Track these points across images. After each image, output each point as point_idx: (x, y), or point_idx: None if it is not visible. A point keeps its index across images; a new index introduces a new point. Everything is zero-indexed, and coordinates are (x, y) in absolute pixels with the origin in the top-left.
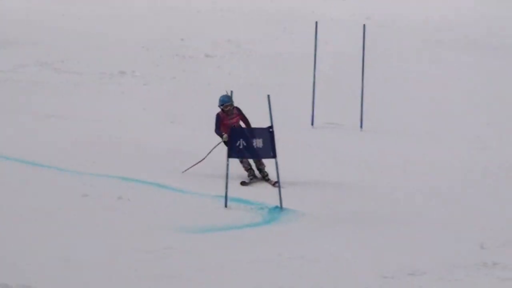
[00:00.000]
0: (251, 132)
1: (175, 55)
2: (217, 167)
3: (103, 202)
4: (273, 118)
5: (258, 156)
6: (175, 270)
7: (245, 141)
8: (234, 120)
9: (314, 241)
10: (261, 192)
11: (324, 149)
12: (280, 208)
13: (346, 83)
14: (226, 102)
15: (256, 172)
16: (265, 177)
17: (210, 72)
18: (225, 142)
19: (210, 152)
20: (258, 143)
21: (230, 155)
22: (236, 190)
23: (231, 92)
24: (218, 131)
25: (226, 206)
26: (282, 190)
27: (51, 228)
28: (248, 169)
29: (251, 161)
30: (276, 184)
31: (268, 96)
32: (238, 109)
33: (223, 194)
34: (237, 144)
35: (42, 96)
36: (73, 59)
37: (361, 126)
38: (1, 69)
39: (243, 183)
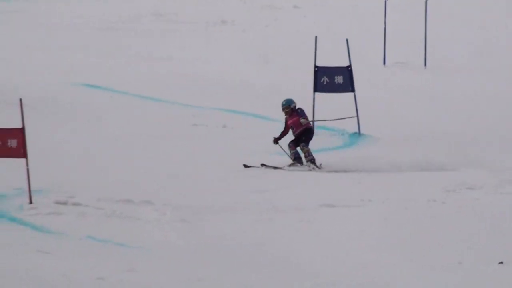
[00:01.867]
0: (333, 70)
1: (267, 6)
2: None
3: (210, 130)
4: (351, 58)
5: (338, 90)
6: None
7: (328, 78)
8: (291, 121)
9: (387, 159)
10: (342, 120)
11: (393, 85)
12: (358, 133)
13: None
14: (282, 105)
15: (304, 161)
16: (312, 161)
17: (297, 21)
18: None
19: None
20: (339, 79)
21: (316, 89)
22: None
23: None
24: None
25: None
26: (360, 118)
27: (166, 152)
28: (296, 158)
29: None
30: (320, 165)
31: (347, 40)
32: (294, 110)
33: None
34: (322, 80)
35: (157, 43)
36: (183, 11)
37: (425, 65)
38: (122, 19)
39: (245, 166)
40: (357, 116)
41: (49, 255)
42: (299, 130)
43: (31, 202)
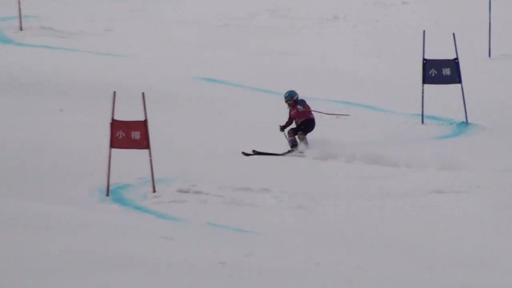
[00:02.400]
0: (441, 63)
1: (377, 3)
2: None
3: (324, 120)
4: (458, 51)
5: (446, 81)
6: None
7: (436, 70)
8: (293, 112)
9: (493, 147)
10: (450, 109)
11: (499, 77)
12: (466, 123)
13: None
14: (285, 97)
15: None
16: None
17: (406, 16)
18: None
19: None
20: (446, 71)
21: (424, 81)
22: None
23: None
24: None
25: (422, 122)
26: (467, 108)
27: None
28: (293, 145)
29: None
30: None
31: (453, 34)
32: (300, 101)
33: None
34: (430, 72)
35: (273, 38)
36: (297, 8)
37: None
38: (239, 16)
39: (244, 153)
40: (464, 106)
41: (172, 241)
42: (301, 120)
43: (154, 191)
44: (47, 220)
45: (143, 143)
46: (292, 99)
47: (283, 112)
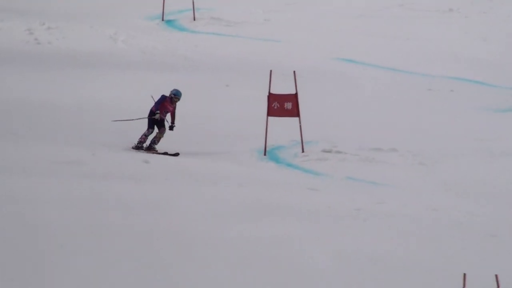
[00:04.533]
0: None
1: None
2: None
3: (440, 94)
4: None
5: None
6: None
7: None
8: (171, 108)
9: None
10: None
11: None
12: None
13: None
14: (178, 95)
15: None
16: (151, 147)
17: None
18: (153, 118)
19: (142, 118)
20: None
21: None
22: None
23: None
24: (157, 107)
25: None
26: None
27: (407, 109)
28: (141, 142)
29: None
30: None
31: None
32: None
33: None
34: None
35: (401, 26)
36: (421, 1)
37: None
38: (372, 8)
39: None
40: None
41: (317, 191)
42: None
43: (303, 151)
44: (215, 175)
45: (294, 112)
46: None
47: (405, 86)
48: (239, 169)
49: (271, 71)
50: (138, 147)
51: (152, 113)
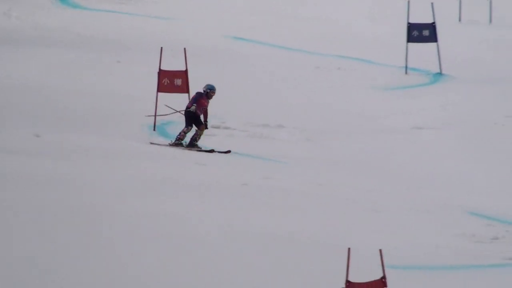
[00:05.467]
0: (422, 26)
1: None
2: None
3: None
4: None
5: (426, 40)
6: None
7: (418, 31)
8: (207, 104)
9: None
10: (427, 62)
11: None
12: (440, 73)
13: None
14: (214, 90)
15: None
16: (193, 143)
17: None
18: (189, 111)
19: (178, 111)
20: (425, 32)
21: (408, 40)
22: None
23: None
24: (193, 102)
25: (406, 73)
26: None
27: (298, 85)
28: (180, 139)
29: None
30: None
31: (432, 3)
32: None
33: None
34: (413, 33)
35: (294, 6)
36: None
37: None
38: None
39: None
40: (439, 59)
41: (205, 166)
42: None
43: None
44: (106, 151)
45: (184, 88)
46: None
47: (290, 63)
48: (129, 145)
49: (161, 48)
50: (177, 143)
51: (188, 110)
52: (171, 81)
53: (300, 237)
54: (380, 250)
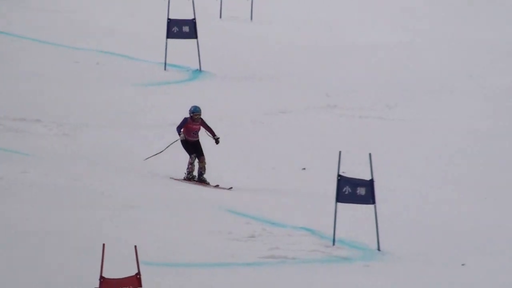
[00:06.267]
0: (182, 22)
1: None
2: None
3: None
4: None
5: (185, 37)
6: None
7: (178, 27)
8: (196, 127)
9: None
10: (188, 59)
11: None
12: (200, 70)
13: None
14: (196, 111)
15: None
16: (201, 179)
17: None
18: (181, 141)
19: (168, 146)
20: (186, 28)
21: (168, 36)
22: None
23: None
24: (179, 130)
25: (165, 69)
26: (201, 58)
27: (38, 75)
28: (190, 171)
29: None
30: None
31: (192, 1)
32: (202, 120)
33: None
34: (173, 29)
35: None
36: None
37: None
38: None
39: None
40: (199, 57)
41: None
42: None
43: None
44: None
45: None
46: (200, 116)
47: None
48: None
49: None
50: (189, 178)
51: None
52: None
53: (56, 232)
54: (135, 246)
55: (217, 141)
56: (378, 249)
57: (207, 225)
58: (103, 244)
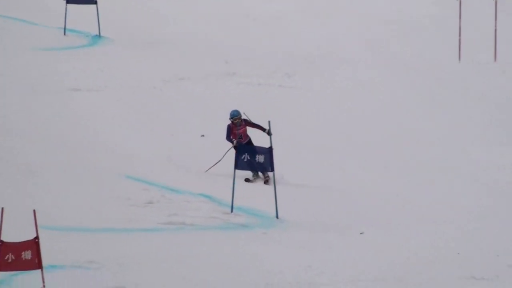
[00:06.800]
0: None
1: None
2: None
3: None
4: None
5: (85, 2)
6: None
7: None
8: (241, 130)
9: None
10: (87, 24)
11: None
12: (99, 35)
13: None
14: (235, 115)
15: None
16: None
17: None
18: (235, 147)
19: (224, 155)
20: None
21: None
22: None
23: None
24: (229, 138)
25: (65, 34)
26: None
27: None
28: (266, 179)
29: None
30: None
31: None
32: (245, 120)
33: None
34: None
35: None
36: None
37: None
38: None
39: (247, 180)
40: (98, 23)
41: None
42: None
43: None
44: None
45: None
46: (241, 118)
47: None
48: None
49: None
50: (267, 180)
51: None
52: None
53: None
54: (34, 211)
55: (268, 133)
56: (277, 217)
57: (106, 191)
58: (2, 208)
